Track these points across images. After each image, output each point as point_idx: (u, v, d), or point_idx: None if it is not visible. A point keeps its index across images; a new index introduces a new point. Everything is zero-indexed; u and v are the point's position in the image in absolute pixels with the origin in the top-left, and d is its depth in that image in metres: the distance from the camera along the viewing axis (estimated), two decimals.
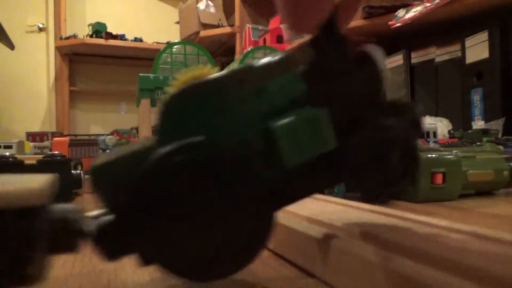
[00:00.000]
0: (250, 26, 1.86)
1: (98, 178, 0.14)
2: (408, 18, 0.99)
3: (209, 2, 2.18)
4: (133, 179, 0.14)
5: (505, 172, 0.45)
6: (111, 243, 0.15)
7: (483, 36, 0.92)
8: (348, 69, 0.16)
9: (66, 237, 0.14)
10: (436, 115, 0.91)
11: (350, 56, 0.17)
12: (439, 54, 1.02)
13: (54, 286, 0.18)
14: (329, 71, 0.16)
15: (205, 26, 2.13)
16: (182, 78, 0.17)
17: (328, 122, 0.15)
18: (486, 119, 0.90)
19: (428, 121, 0.74)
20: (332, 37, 0.16)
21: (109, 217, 0.15)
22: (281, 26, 1.62)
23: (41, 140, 1.52)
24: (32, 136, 1.63)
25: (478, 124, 0.91)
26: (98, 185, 0.15)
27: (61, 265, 0.21)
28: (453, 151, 0.44)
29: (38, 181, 0.13)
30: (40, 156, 0.49)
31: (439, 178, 0.40)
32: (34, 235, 0.13)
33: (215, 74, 0.16)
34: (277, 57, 0.16)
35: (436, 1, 0.93)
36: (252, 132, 0.15)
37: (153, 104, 0.96)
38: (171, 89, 0.16)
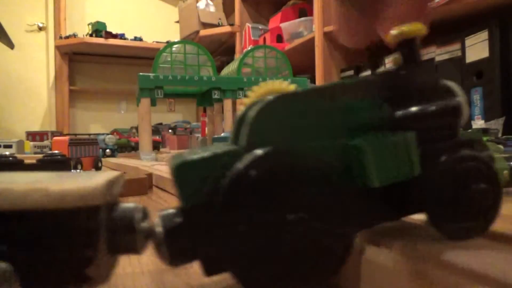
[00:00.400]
0: (250, 25, 1.86)
1: (180, 175, 0.14)
2: None
3: (209, 1, 2.18)
4: (214, 189, 0.14)
5: (505, 172, 0.44)
6: (177, 246, 0.14)
7: (483, 35, 0.92)
8: (430, 98, 0.17)
9: (130, 237, 0.14)
10: None
11: (433, 86, 0.17)
12: (439, 53, 1.02)
13: None
14: (413, 99, 0.17)
15: (205, 25, 2.13)
16: (259, 91, 0.17)
17: (416, 147, 0.15)
18: (486, 118, 0.90)
19: None
20: (416, 65, 0.17)
21: (179, 219, 0.14)
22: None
23: (41, 140, 1.53)
24: (32, 136, 1.63)
25: (478, 123, 0.91)
26: (179, 182, 0.14)
27: None
28: None
29: (99, 179, 0.13)
30: (40, 156, 0.49)
31: None
32: (96, 235, 0.13)
33: (299, 88, 0.16)
34: (364, 79, 0.16)
35: (436, 0, 0.93)
36: (335, 148, 0.15)
37: (153, 103, 0.96)
38: (247, 101, 0.16)
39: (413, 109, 0.17)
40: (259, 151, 0.14)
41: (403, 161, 0.15)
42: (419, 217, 0.20)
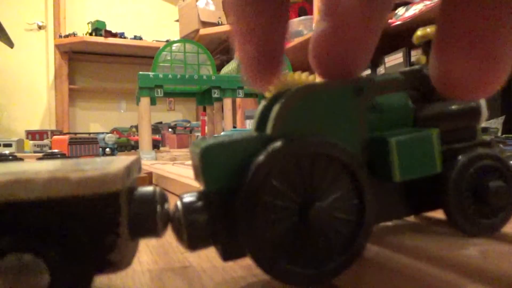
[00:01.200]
0: None
1: (206, 158, 0.14)
2: (408, 16, 0.99)
3: (209, 0, 2.18)
4: (238, 174, 0.14)
5: None
6: (197, 230, 0.14)
7: None
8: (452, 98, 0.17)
9: (150, 220, 0.14)
10: None
11: None
12: None
13: None
14: (435, 97, 0.17)
15: (205, 24, 2.13)
16: (280, 82, 0.17)
17: (440, 144, 0.16)
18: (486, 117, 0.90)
19: None
20: None
21: (200, 203, 0.14)
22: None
23: (41, 139, 1.53)
24: (32, 135, 1.63)
25: None
26: (204, 165, 0.14)
27: None
28: None
29: (117, 165, 0.13)
30: (40, 154, 0.49)
31: None
32: (117, 221, 0.13)
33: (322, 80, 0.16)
34: (392, 76, 0.17)
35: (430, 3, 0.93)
36: (359, 140, 0.15)
37: (152, 102, 0.96)
38: (268, 93, 0.17)
39: (436, 108, 0.17)
40: (283, 139, 0.14)
41: (426, 157, 0.15)
42: (419, 216, 0.20)
